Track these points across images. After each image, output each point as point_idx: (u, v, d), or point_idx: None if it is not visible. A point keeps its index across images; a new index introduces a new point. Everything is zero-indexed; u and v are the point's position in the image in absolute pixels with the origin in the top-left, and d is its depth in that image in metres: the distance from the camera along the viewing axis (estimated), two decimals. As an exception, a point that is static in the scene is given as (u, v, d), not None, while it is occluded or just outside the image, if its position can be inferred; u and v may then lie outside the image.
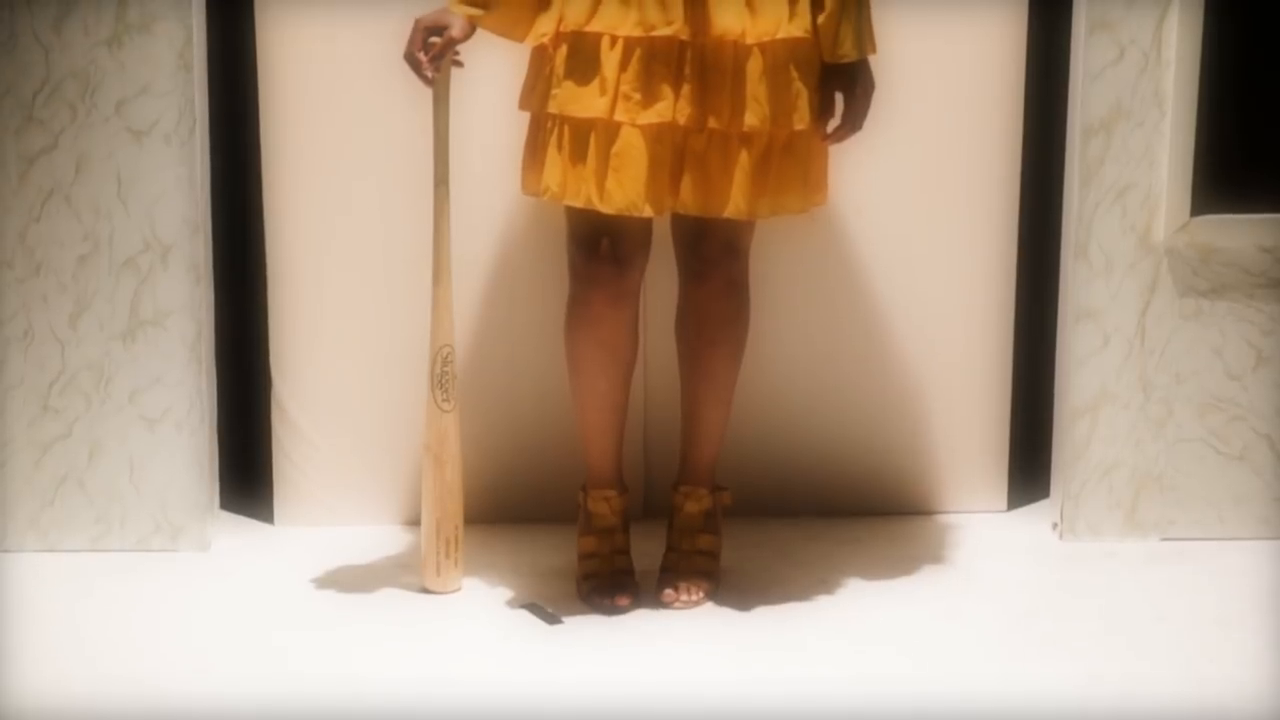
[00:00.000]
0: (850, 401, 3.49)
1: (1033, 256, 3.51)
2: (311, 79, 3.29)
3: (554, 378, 3.24)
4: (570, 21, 2.77)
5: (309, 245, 3.36)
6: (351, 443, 3.44)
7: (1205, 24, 3.22)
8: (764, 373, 3.38)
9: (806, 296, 3.43)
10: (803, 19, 2.80)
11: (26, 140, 3.20)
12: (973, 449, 3.53)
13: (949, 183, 3.39)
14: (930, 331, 3.45)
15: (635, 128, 2.76)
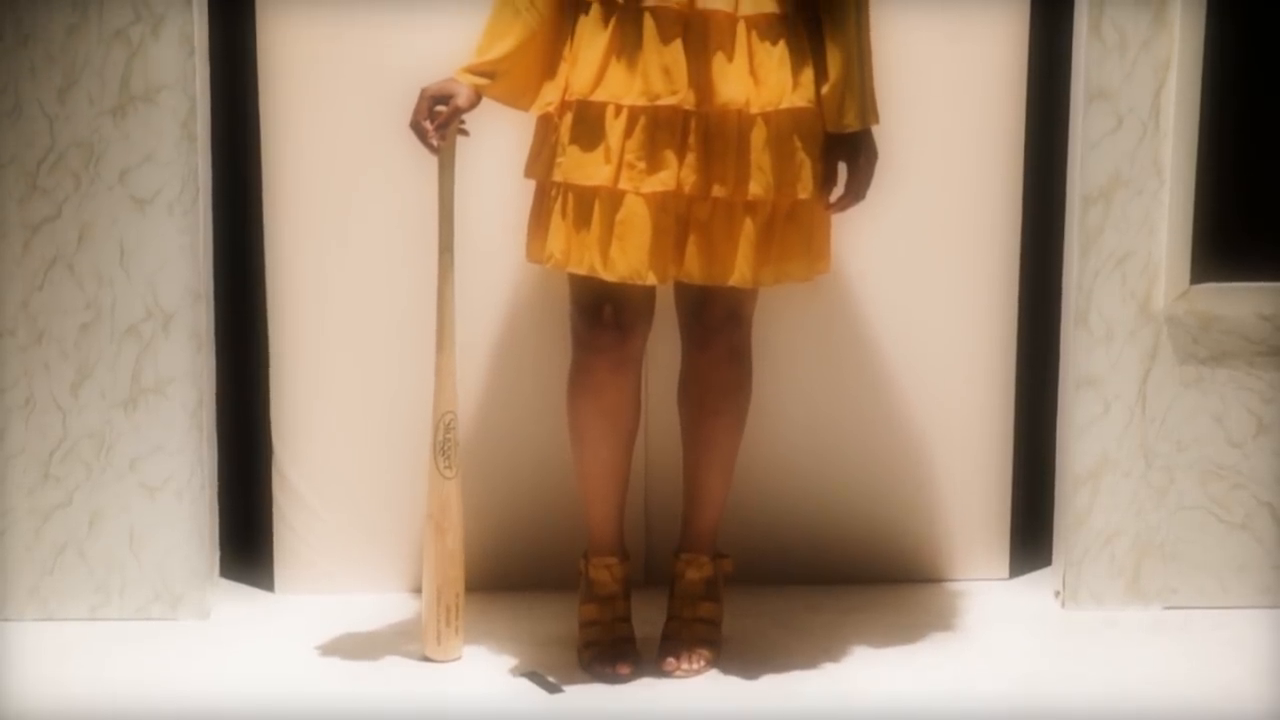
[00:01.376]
0: (852, 469, 3.48)
1: (1033, 324, 3.51)
2: (315, 148, 3.30)
3: (556, 445, 3.24)
4: (575, 90, 2.79)
5: (311, 312, 3.36)
6: (352, 510, 3.43)
7: (1203, 93, 3.24)
8: (766, 439, 3.38)
9: (808, 363, 3.43)
10: (806, 89, 2.82)
11: (30, 209, 3.20)
12: (974, 516, 3.52)
13: (950, 250, 3.40)
14: (931, 399, 3.46)
15: (639, 196, 2.77)
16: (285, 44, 3.27)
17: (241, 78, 3.35)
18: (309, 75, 3.28)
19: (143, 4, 3.15)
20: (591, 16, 2.80)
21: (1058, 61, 3.37)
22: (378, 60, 3.25)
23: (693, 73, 2.75)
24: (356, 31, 3.26)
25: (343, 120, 3.29)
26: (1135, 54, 3.25)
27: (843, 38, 2.82)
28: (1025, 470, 3.57)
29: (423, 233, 3.04)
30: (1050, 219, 3.45)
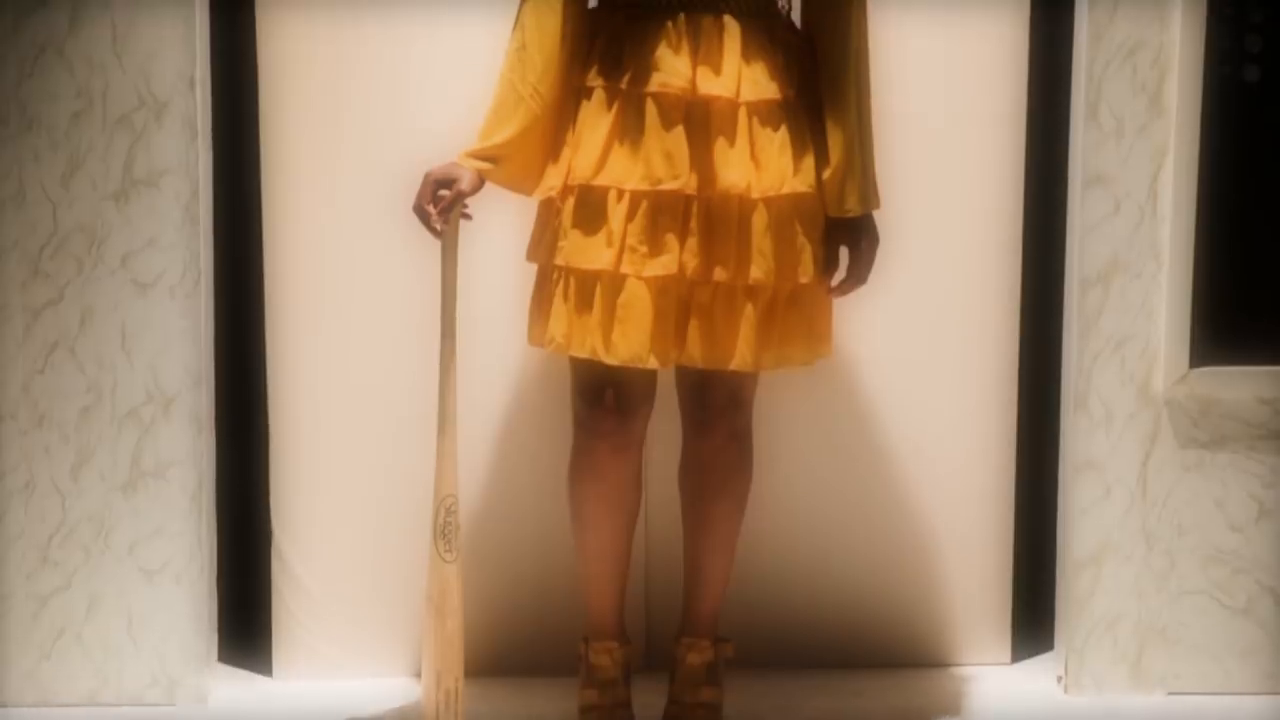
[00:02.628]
0: (853, 553, 3.48)
1: (1033, 407, 3.52)
2: (317, 232, 3.32)
3: (556, 528, 3.23)
4: (578, 175, 2.80)
5: (311, 396, 3.36)
6: (352, 594, 3.41)
7: (1200, 178, 3.26)
8: (767, 523, 3.37)
9: (809, 446, 3.43)
10: (807, 174, 2.83)
11: (33, 293, 3.21)
12: (976, 600, 3.51)
13: (950, 334, 3.41)
14: (932, 482, 3.46)
15: (641, 280, 2.78)
16: (288, 129, 3.29)
17: (244, 162, 3.37)
18: (312, 160, 3.30)
19: (146, 90, 3.17)
20: (594, 102, 2.82)
21: (1055, 146, 3.40)
22: (380, 145, 3.27)
23: (694, 158, 2.77)
24: (359, 114, 3.29)
25: (345, 203, 3.31)
26: (1132, 140, 3.27)
27: (844, 123, 2.84)
28: (1026, 554, 3.56)
29: (425, 316, 3.04)
30: (1049, 302, 3.46)
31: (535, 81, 2.82)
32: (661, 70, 2.76)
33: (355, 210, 3.31)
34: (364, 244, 3.31)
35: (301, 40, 3.27)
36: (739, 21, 2.78)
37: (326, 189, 3.31)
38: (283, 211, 3.32)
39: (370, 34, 3.27)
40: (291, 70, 3.28)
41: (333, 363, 3.35)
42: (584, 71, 2.84)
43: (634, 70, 2.78)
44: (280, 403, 3.38)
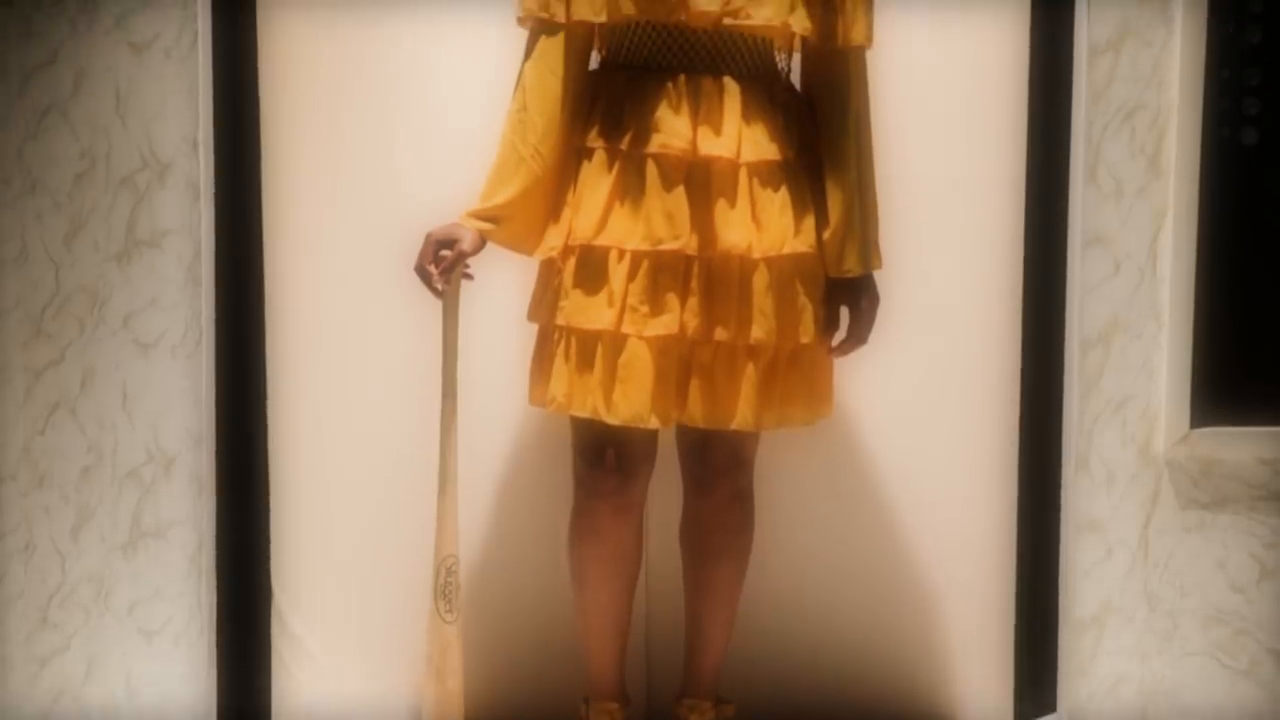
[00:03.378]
0: (854, 612, 3.47)
1: (1034, 468, 3.51)
2: (318, 292, 3.32)
3: (556, 588, 3.22)
4: (579, 235, 2.81)
5: (312, 455, 3.36)
6: (352, 654, 3.40)
7: (1200, 238, 3.28)
8: (768, 583, 3.36)
9: (810, 506, 3.43)
10: (808, 234, 2.84)
11: (34, 353, 3.22)
12: (978, 661, 3.49)
13: (951, 394, 3.41)
14: (933, 542, 3.45)
15: (642, 340, 2.78)
16: (291, 190, 3.30)
17: (246, 222, 3.38)
18: (314, 220, 3.31)
19: (149, 151, 3.18)
20: (595, 162, 2.83)
21: (1055, 207, 3.41)
22: (382, 208, 3.28)
23: (695, 218, 2.78)
24: (362, 175, 3.30)
25: (347, 264, 3.31)
26: (1131, 201, 3.29)
27: (844, 183, 2.85)
28: (1028, 614, 3.55)
29: (426, 376, 3.04)
30: (1049, 362, 3.46)
31: (536, 142, 2.83)
32: (662, 131, 2.77)
33: (357, 271, 3.31)
34: (365, 304, 3.32)
35: (304, 97, 3.29)
36: (739, 83, 2.79)
37: (328, 250, 3.32)
38: (285, 272, 3.33)
39: (371, 94, 3.29)
40: (295, 130, 3.29)
41: (334, 423, 3.35)
42: (585, 132, 2.85)
43: (635, 131, 2.79)
44: (281, 463, 3.37)
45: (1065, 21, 3.27)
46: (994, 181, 3.38)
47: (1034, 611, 3.54)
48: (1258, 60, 3.35)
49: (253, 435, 3.42)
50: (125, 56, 3.18)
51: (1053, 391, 3.44)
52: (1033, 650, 3.56)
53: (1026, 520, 3.50)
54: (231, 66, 3.26)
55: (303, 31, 3.28)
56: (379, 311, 3.31)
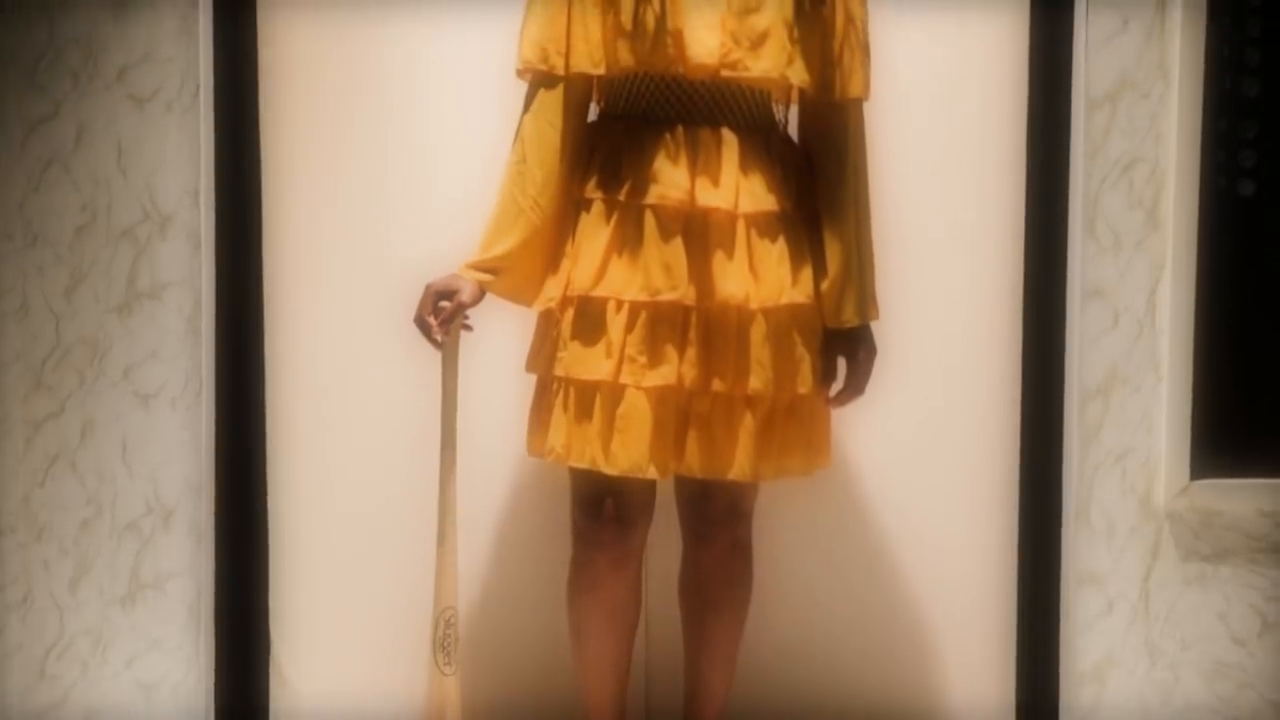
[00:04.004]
0: (854, 662, 3.45)
1: (1034, 519, 3.49)
2: (318, 343, 3.33)
3: (555, 640, 3.21)
4: (577, 286, 2.81)
5: (311, 507, 3.36)
6: (351, 707, 3.39)
7: (1198, 290, 3.28)
8: (767, 633, 3.36)
9: (809, 557, 3.42)
10: (805, 285, 2.85)
11: (34, 406, 3.22)
12: (979, 714, 3.48)
13: (950, 445, 3.41)
14: (933, 593, 3.44)
15: (640, 390, 2.78)
16: (289, 240, 3.31)
17: (246, 273, 3.38)
18: (314, 271, 3.32)
19: (150, 204, 3.19)
20: (593, 214, 2.83)
21: (1053, 259, 3.41)
22: (381, 255, 3.29)
23: (693, 269, 2.78)
24: (360, 228, 3.31)
25: (346, 314, 3.32)
26: (1130, 254, 3.29)
27: (842, 234, 2.86)
28: (1029, 668, 3.53)
29: (425, 427, 3.04)
30: (1049, 414, 3.46)
31: (535, 194, 2.84)
32: (660, 182, 2.78)
33: (357, 322, 3.32)
34: (365, 355, 3.33)
35: (305, 148, 3.30)
36: (737, 134, 2.81)
37: (329, 301, 3.33)
38: (285, 324, 3.33)
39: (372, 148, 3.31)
40: (295, 181, 3.31)
41: (333, 473, 3.35)
42: (583, 184, 2.86)
43: (633, 182, 2.80)
44: (280, 514, 3.37)
45: (1062, 73, 3.29)
46: (992, 233, 3.38)
47: (1035, 664, 3.52)
48: (1254, 113, 3.37)
49: (252, 486, 3.41)
50: (127, 110, 3.19)
51: (1052, 443, 3.44)
52: (1034, 703, 3.53)
53: (1027, 572, 3.49)
54: (233, 119, 3.27)
55: (303, 83, 3.30)
56: (379, 362, 3.31)
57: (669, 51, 2.75)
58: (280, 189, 3.31)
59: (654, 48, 2.76)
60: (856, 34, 2.85)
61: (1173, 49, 3.31)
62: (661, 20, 2.75)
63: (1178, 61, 3.31)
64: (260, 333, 3.34)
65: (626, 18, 2.76)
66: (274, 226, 3.32)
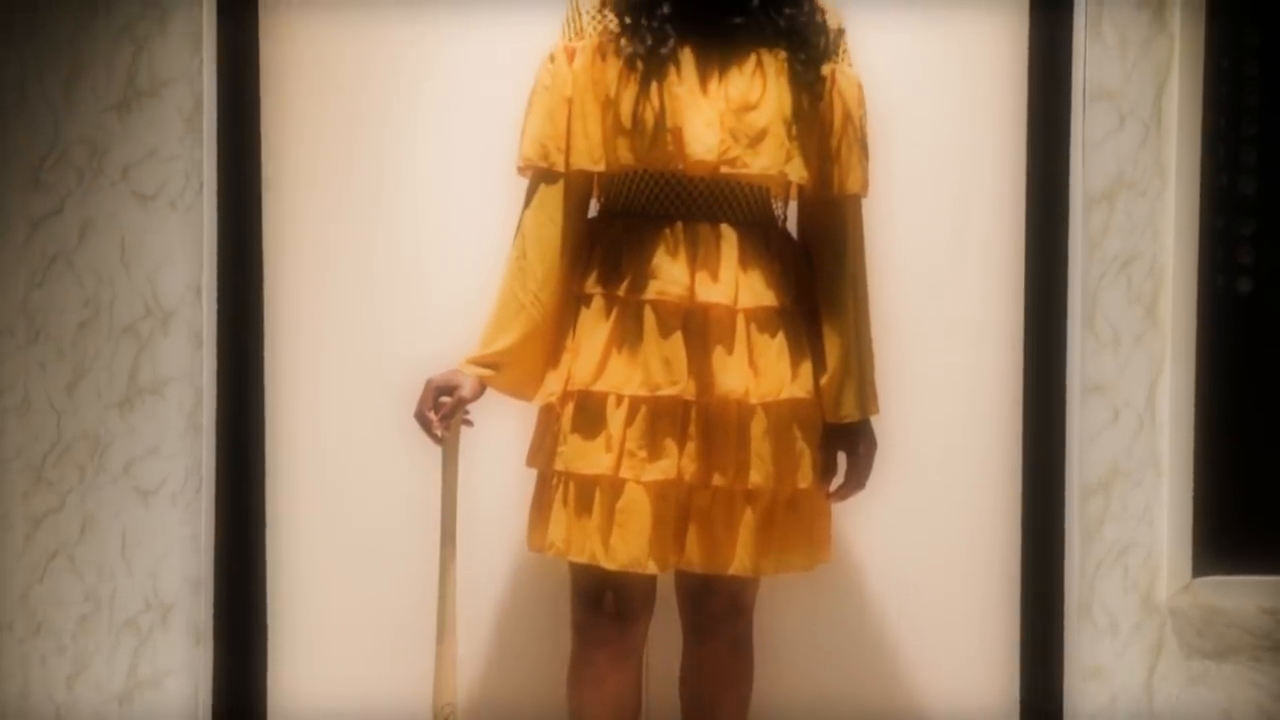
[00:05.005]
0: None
1: (1036, 615, 3.48)
2: (318, 436, 3.33)
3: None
4: (578, 381, 2.82)
5: (311, 604, 3.35)
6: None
7: (1198, 386, 3.29)
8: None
9: (810, 652, 3.41)
10: (805, 380, 2.85)
11: (34, 502, 3.22)
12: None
13: (950, 541, 3.41)
14: (935, 690, 3.42)
15: (640, 484, 2.77)
16: (291, 336, 3.33)
17: (247, 369, 3.39)
18: (314, 367, 3.33)
19: (153, 300, 3.21)
20: (593, 309, 2.84)
21: (1053, 354, 3.42)
22: (382, 349, 3.31)
23: (693, 364, 2.79)
24: (361, 324, 3.33)
25: (346, 409, 3.33)
26: (1129, 350, 3.30)
27: (841, 329, 2.87)
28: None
29: (425, 522, 3.04)
30: (1050, 509, 3.45)
31: (536, 289, 2.85)
32: (659, 278, 2.79)
33: (357, 417, 3.33)
34: (365, 450, 3.33)
35: (308, 241, 3.32)
36: (736, 230, 2.82)
37: (329, 396, 3.33)
38: (286, 419, 3.34)
39: (373, 236, 3.33)
40: (297, 277, 3.33)
41: (332, 569, 3.35)
42: (584, 279, 2.87)
43: (632, 278, 2.81)
44: (280, 611, 3.36)
45: (1060, 170, 3.31)
46: (992, 328, 3.40)
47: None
48: (1251, 210, 3.39)
49: (252, 583, 3.40)
50: (131, 206, 3.22)
51: (1054, 538, 3.43)
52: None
53: (1029, 668, 3.47)
54: (236, 216, 3.29)
55: (306, 181, 3.33)
56: (379, 458, 3.31)
57: (668, 149, 2.77)
58: (282, 285, 3.33)
59: (653, 145, 2.78)
60: (854, 131, 2.87)
61: (1169, 147, 3.33)
62: (661, 118, 2.77)
63: (1174, 159, 3.34)
64: (261, 429, 3.35)
65: (626, 116, 2.79)
66: (276, 323, 3.33)
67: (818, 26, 2.84)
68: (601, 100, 2.81)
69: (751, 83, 2.79)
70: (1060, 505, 3.40)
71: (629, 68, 2.79)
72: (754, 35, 2.81)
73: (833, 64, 2.86)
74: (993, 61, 3.37)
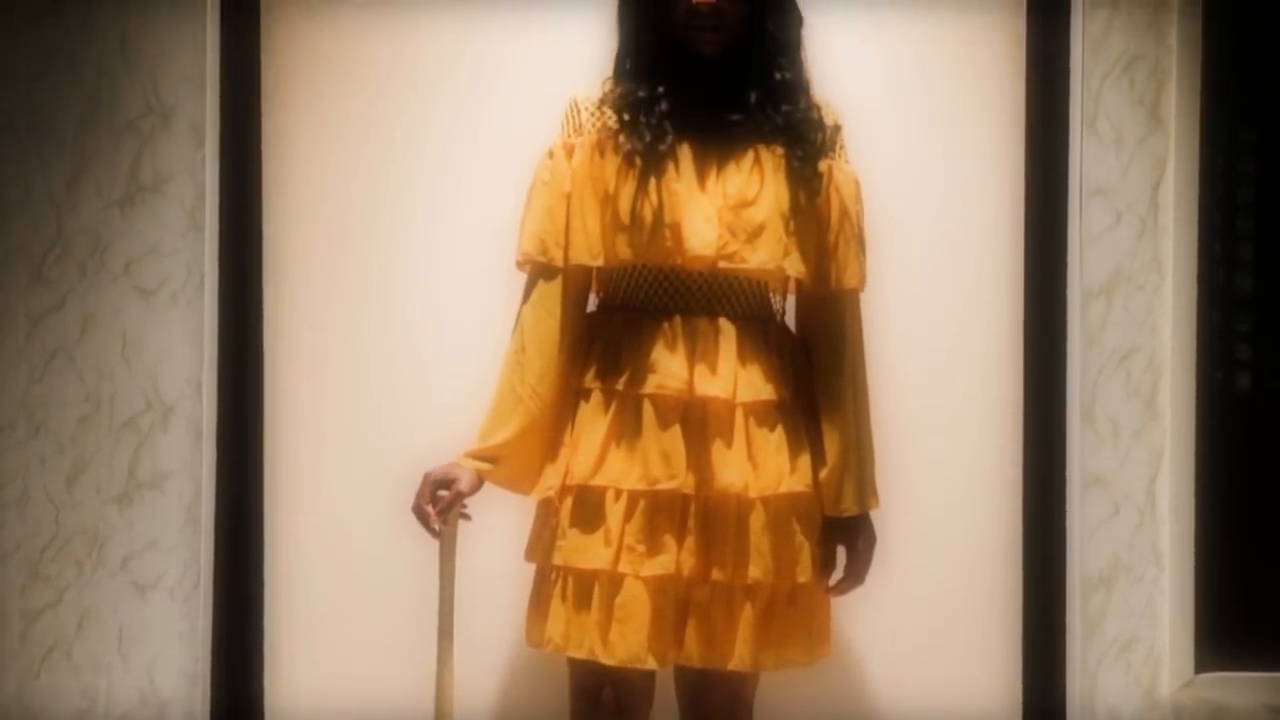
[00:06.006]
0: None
1: (1038, 713, 3.46)
2: (316, 530, 3.33)
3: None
4: (576, 475, 2.81)
5: (309, 699, 3.33)
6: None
7: (1198, 481, 3.29)
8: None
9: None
10: (804, 473, 2.85)
11: (31, 596, 3.21)
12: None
13: (950, 635, 3.39)
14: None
15: (639, 579, 2.77)
16: (290, 431, 3.33)
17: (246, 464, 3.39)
18: (313, 460, 3.33)
19: (154, 392, 3.22)
20: (592, 403, 2.85)
21: (1052, 447, 3.42)
22: (380, 442, 3.31)
23: (691, 458, 2.79)
24: (359, 417, 3.33)
25: (344, 503, 3.33)
26: (1128, 443, 3.31)
27: (840, 423, 2.87)
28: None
29: (423, 616, 3.03)
30: (1051, 604, 3.44)
31: (534, 384, 2.86)
32: (658, 372, 2.80)
33: (355, 511, 3.33)
34: (363, 544, 3.32)
35: (308, 338, 3.34)
36: (734, 324, 2.83)
37: (326, 491, 3.34)
38: (284, 513, 3.34)
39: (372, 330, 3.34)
40: (296, 371, 3.34)
41: (331, 664, 3.33)
42: (582, 373, 2.87)
43: (631, 372, 2.82)
44: (278, 707, 3.34)
45: (1058, 265, 3.33)
46: (992, 422, 3.40)
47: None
48: (1249, 306, 3.40)
49: (250, 679, 3.38)
50: (133, 301, 3.23)
51: (1055, 633, 3.41)
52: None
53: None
54: (237, 311, 3.31)
55: (307, 275, 3.35)
56: (377, 551, 3.31)
57: (667, 244, 2.79)
58: (282, 379, 3.33)
59: (652, 240, 2.79)
60: (851, 227, 2.89)
61: (1166, 242, 3.35)
62: (659, 214, 2.79)
63: (1171, 254, 3.35)
64: (260, 523, 3.34)
65: (625, 211, 2.80)
66: (275, 417, 3.34)
67: (814, 123, 2.87)
68: (600, 196, 2.83)
69: (749, 179, 2.81)
70: (1061, 600, 3.39)
71: (628, 164, 2.81)
72: (752, 132, 2.83)
73: (830, 160, 2.88)
74: (990, 156, 3.39)
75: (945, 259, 3.40)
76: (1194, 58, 3.35)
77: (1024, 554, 3.41)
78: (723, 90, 2.84)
